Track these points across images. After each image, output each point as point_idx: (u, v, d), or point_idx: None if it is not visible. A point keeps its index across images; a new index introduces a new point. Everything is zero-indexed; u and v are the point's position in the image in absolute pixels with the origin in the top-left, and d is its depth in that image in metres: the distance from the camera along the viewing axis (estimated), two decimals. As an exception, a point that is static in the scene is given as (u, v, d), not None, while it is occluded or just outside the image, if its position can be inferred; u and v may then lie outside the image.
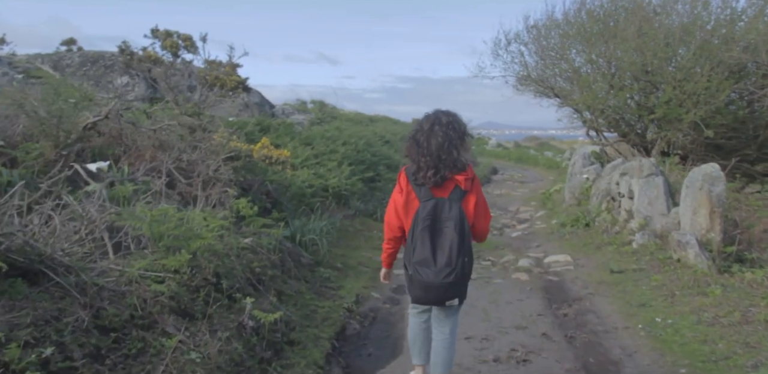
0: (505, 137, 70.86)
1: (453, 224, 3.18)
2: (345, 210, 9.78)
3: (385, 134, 17.68)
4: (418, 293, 3.26)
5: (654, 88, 14.19)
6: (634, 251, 7.27)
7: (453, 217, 3.20)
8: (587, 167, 11.95)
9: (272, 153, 6.35)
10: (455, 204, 3.23)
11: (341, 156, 10.96)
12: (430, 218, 3.20)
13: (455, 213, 3.21)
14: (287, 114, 16.50)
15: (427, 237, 3.19)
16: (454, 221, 3.19)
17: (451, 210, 3.21)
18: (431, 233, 3.20)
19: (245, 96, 13.28)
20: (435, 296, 3.23)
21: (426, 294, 3.24)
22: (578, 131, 20.75)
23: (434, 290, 3.18)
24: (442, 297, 3.24)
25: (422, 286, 3.20)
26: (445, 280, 3.14)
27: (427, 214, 3.20)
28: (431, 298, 3.26)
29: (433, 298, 3.25)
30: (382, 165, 12.61)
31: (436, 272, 3.15)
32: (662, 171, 7.99)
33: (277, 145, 10.84)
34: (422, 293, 3.24)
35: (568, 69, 15.53)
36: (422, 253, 3.19)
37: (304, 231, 6.46)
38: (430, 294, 3.23)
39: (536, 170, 26.18)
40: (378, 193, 11.41)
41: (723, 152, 14.93)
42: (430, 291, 3.20)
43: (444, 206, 3.22)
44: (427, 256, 3.18)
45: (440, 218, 3.22)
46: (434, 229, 3.21)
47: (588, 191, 11.55)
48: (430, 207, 3.21)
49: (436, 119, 3.29)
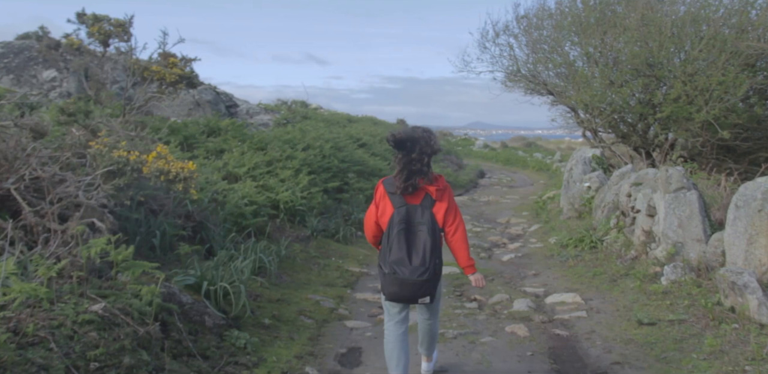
0: (492, 137, 69.29)
1: (426, 228, 3.36)
2: (301, 230, 7.86)
3: (363, 136, 15.85)
4: (394, 289, 3.37)
5: (660, 84, 12.37)
6: (665, 291, 5.39)
7: (425, 221, 3.38)
8: (588, 173, 10.09)
9: (171, 167, 4.42)
10: (426, 210, 3.41)
11: (300, 163, 9.03)
12: (404, 222, 3.38)
13: (427, 218, 3.39)
14: (251, 114, 14.56)
15: (403, 239, 3.35)
16: (426, 225, 3.37)
17: (423, 215, 3.40)
18: (406, 235, 3.37)
19: (195, 93, 11.38)
20: (409, 292, 3.35)
21: (401, 291, 3.36)
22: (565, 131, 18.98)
23: (409, 287, 3.33)
24: (415, 294, 3.36)
25: (398, 283, 3.33)
26: (420, 278, 3.29)
27: (401, 219, 3.39)
28: (405, 294, 3.37)
29: (407, 294, 3.37)
30: (352, 172, 10.69)
31: (411, 270, 3.30)
32: (695, 184, 6.12)
33: (221, 150, 8.91)
34: (398, 289, 3.36)
35: (563, 63, 13.67)
36: (398, 253, 3.34)
37: (216, 275, 4.54)
38: (404, 291, 3.35)
39: (525, 172, 24.34)
40: (345, 206, 9.49)
41: (735, 155, 13.13)
42: (405, 288, 3.33)
43: (416, 211, 3.41)
44: (402, 256, 3.33)
45: (413, 222, 3.40)
46: (409, 232, 3.38)
47: (590, 203, 9.69)
48: (404, 213, 3.40)
49: (412, 132, 3.46)
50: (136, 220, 5.18)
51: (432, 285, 3.38)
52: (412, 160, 3.38)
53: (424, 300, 3.39)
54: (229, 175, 8.04)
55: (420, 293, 3.36)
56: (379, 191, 3.53)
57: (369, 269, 7.12)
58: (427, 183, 3.43)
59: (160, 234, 5.22)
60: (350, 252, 7.77)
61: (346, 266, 7.01)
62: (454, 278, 6.80)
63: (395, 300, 3.47)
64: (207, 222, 6.14)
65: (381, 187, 3.53)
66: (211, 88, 11.69)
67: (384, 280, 3.42)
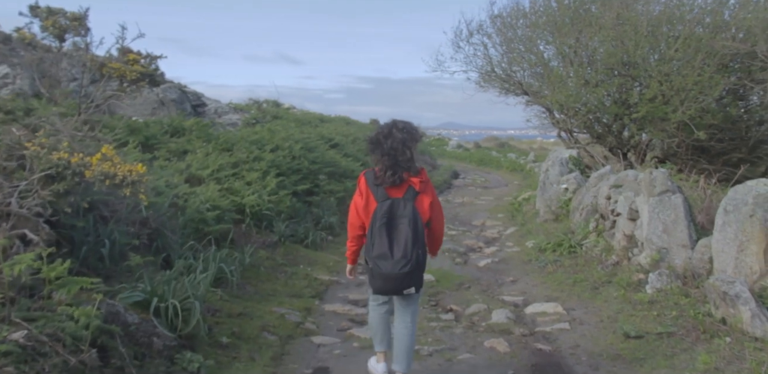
0: (465, 137, 69.27)
1: (407, 220, 3.38)
2: (268, 236, 7.42)
3: (335, 136, 15.42)
4: (379, 283, 3.43)
5: (635, 84, 12.18)
6: (651, 301, 5.09)
7: (407, 214, 3.40)
8: (565, 175, 9.82)
9: (117, 170, 3.97)
10: (409, 203, 3.43)
11: (267, 165, 8.58)
12: (386, 216, 3.39)
13: (409, 211, 3.41)
14: (220, 113, 14.04)
15: (385, 233, 3.38)
16: (408, 218, 3.39)
17: (406, 208, 3.41)
18: (388, 229, 3.39)
19: (159, 92, 10.85)
20: (393, 285, 3.39)
21: (385, 284, 3.41)
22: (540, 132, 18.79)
23: (393, 280, 3.36)
24: (399, 286, 3.40)
25: (382, 277, 3.37)
26: (402, 270, 3.32)
27: (383, 213, 3.39)
28: (390, 288, 3.42)
29: (391, 288, 3.42)
30: (323, 174, 10.27)
31: (393, 263, 3.33)
32: (680, 188, 5.84)
33: (184, 151, 8.43)
34: (382, 283, 3.41)
35: (538, 63, 13.41)
36: (380, 248, 3.36)
37: (168, 290, 4.09)
38: (389, 284, 3.40)
39: (499, 173, 24.13)
40: (315, 210, 9.07)
41: (709, 156, 13.00)
42: (389, 281, 3.38)
43: (399, 204, 3.42)
44: (384, 250, 3.35)
45: (396, 215, 3.41)
46: (390, 226, 3.40)
47: (567, 205, 9.41)
48: (387, 207, 3.40)
49: (393, 124, 3.50)
50: (83, 228, 4.70)
51: (416, 276, 3.42)
52: (395, 158, 3.41)
53: (409, 290, 3.43)
54: (192, 177, 7.56)
55: (404, 285, 3.40)
56: (362, 183, 3.54)
57: (339, 277, 6.72)
58: (410, 175, 3.46)
59: (110, 244, 4.74)
60: (320, 259, 7.35)
61: (314, 275, 6.59)
62: (429, 286, 6.44)
63: (381, 294, 3.57)
64: (164, 229, 5.67)
65: (363, 179, 3.54)
66: (177, 87, 11.17)
67: (369, 275, 3.50)
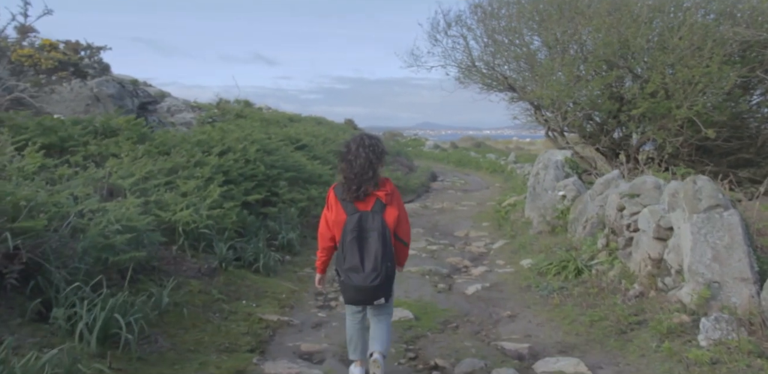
0: (442, 137, 68.02)
1: (377, 234, 3.42)
2: (206, 261, 5.86)
3: (303, 137, 13.88)
4: (351, 294, 3.47)
5: (635, 77, 10.82)
6: (713, 361, 3.64)
7: (376, 227, 3.44)
8: (562, 180, 8.38)
9: None
10: (377, 216, 3.46)
11: (212, 170, 7.01)
12: (357, 230, 3.43)
13: (378, 224, 3.44)
14: (173, 112, 12.41)
15: (356, 247, 3.42)
16: (377, 231, 3.43)
17: (374, 221, 3.45)
18: (359, 242, 3.43)
19: (94, 86, 9.21)
20: (365, 296, 3.45)
21: (357, 295, 3.46)
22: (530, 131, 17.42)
23: (364, 292, 3.41)
24: (371, 298, 3.45)
25: (354, 289, 3.43)
26: (373, 283, 3.38)
27: (353, 226, 3.43)
28: (361, 299, 3.49)
29: (363, 298, 3.48)
30: (283, 180, 8.71)
31: (364, 276, 3.38)
32: (734, 202, 4.42)
33: (113, 154, 6.82)
34: (354, 294, 3.45)
35: (524, 55, 11.99)
36: (352, 261, 3.41)
37: None
38: (360, 295, 3.45)
39: (479, 174, 22.74)
40: (271, 224, 7.51)
41: (712, 156, 11.70)
42: (360, 293, 3.43)
43: (368, 218, 3.45)
44: (356, 263, 3.40)
45: (365, 228, 3.44)
46: (361, 238, 3.43)
47: (565, 215, 7.97)
48: (356, 220, 3.44)
49: (361, 141, 3.52)
50: None
51: (386, 288, 3.48)
52: (361, 169, 3.44)
53: (379, 301, 3.49)
54: (114, 188, 5.98)
55: (375, 296, 3.45)
56: (331, 197, 3.57)
57: (293, 316, 5.20)
58: (375, 189, 3.48)
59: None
60: (271, 288, 5.81)
61: (260, 313, 5.04)
62: (407, 327, 4.94)
63: (353, 304, 3.61)
64: (47, 263, 4.11)
65: (332, 193, 3.57)
66: (116, 80, 9.55)
67: (342, 286, 3.53)
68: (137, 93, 11.97)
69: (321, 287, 4.00)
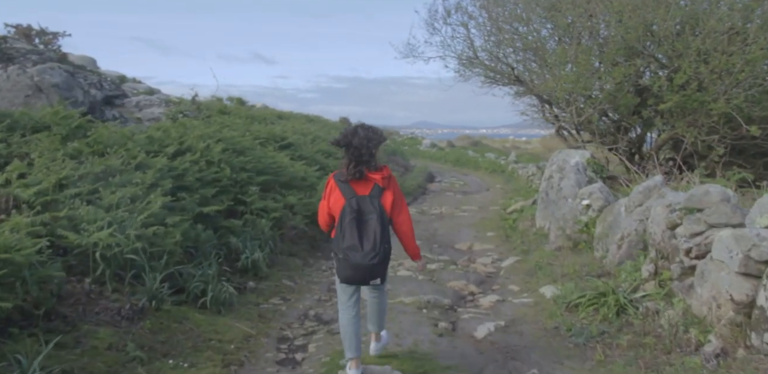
0: (438, 136, 66.42)
1: (376, 216, 3.43)
2: (135, 295, 4.34)
3: (289, 135, 12.38)
4: (348, 273, 3.45)
5: (661, 67, 9.31)
6: None
7: (375, 210, 3.44)
8: (585, 186, 6.87)
9: None
10: (375, 200, 3.48)
11: (156, 175, 5.48)
12: (356, 211, 3.43)
13: (377, 207, 3.46)
14: (141, 106, 10.88)
15: (355, 227, 3.41)
16: (376, 213, 3.44)
17: (373, 204, 3.46)
18: (358, 223, 3.43)
19: (34, 74, 7.67)
20: (362, 275, 3.44)
21: (354, 273, 3.44)
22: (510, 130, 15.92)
23: (362, 270, 3.41)
24: (367, 276, 3.45)
25: (352, 267, 3.41)
26: (371, 262, 3.37)
27: (352, 209, 3.43)
28: (358, 277, 3.47)
29: (360, 277, 3.46)
30: (255, 185, 7.19)
31: (362, 255, 3.37)
32: None
33: (21, 155, 5.28)
34: (352, 272, 3.44)
35: (533, 42, 10.47)
36: (350, 240, 3.39)
37: None
38: (357, 274, 3.43)
39: (478, 174, 21.21)
40: (233, 240, 5.98)
41: (746, 156, 10.22)
42: (358, 271, 3.41)
43: (366, 201, 3.47)
44: (354, 243, 3.39)
45: (364, 211, 3.45)
46: (360, 220, 3.44)
47: (590, 228, 6.48)
48: (355, 203, 3.44)
49: (359, 125, 3.61)
50: None
51: (382, 268, 3.47)
52: (359, 152, 3.44)
53: (375, 281, 3.49)
54: (16, 200, 4.46)
55: (371, 275, 3.45)
56: (330, 183, 3.58)
57: (240, 379, 3.69)
58: (372, 171, 3.49)
59: None
60: (218, 333, 4.30)
61: (192, 380, 3.53)
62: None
63: (349, 283, 3.56)
64: None
65: (332, 180, 3.58)
66: (62, 70, 8.02)
67: (338, 265, 3.50)
68: (101, 85, 10.43)
69: None
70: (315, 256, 7.36)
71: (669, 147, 10.79)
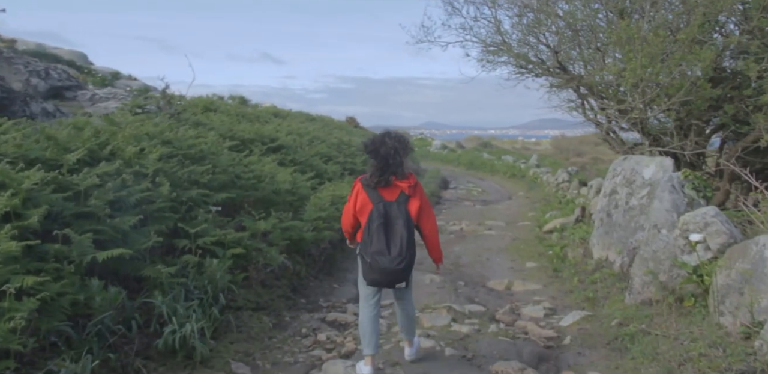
0: (446, 137, 64.16)
1: (402, 222, 3.40)
2: None
3: (282, 136, 10.27)
4: (375, 277, 3.44)
5: (763, 47, 7.00)
6: None
7: (402, 216, 3.41)
8: (687, 213, 4.55)
9: None
10: (402, 206, 3.44)
11: (11, 201, 3.24)
12: (383, 217, 3.40)
13: (404, 213, 3.42)
14: (95, 100, 8.71)
15: (382, 233, 3.38)
16: (403, 219, 3.41)
17: (400, 210, 3.42)
18: (385, 229, 3.40)
19: None
20: (388, 279, 3.42)
21: (381, 278, 3.42)
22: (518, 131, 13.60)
23: (388, 274, 3.39)
24: (393, 280, 3.44)
25: (379, 271, 3.39)
26: (398, 266, 3.36)
27: (380, 214, 3.41)
28: (385, 281, 3.45)
29: (386, 281, 3.44)
30: (212, 205, 4.95)
31: (390, 259, 3.35)
32: None
33: None
34: (378, 276, 3.43)
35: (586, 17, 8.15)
36: (378, 245, 3.37)
37: None
38: (384, 278, 3.42)
39: (495, 179, 18.89)
40: (158, 300, 3.73)
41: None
42: (385, 275, 3.40)
43: (393, 207, 3.43)
44: (382, 247, 3.37)
45: (391, 216, 3.42)
46: (387, 226, 3.41)
47: (703, 280, 4.19)
48: (382, 208, 3.41)
49: (386, 133, 3.55)
50: None
51: (407, 272, 3.45)
52: (386, 161, 3.42)
53: (400, 285, 3.48)
54: None
55: (397, 279, 3.43)
56: (356, 187, 3.54)
57: None
58: (400, 179, 3.47)
59: None
60: None
61: None
62: None
63: (375, 285, 3.53)
64: None
65: (358, 184, 3.54)
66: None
67: (365, 268, 3.48)
68: (46, 74, 8.25)
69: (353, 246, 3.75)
70: (296, 306, 5.10)
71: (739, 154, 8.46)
